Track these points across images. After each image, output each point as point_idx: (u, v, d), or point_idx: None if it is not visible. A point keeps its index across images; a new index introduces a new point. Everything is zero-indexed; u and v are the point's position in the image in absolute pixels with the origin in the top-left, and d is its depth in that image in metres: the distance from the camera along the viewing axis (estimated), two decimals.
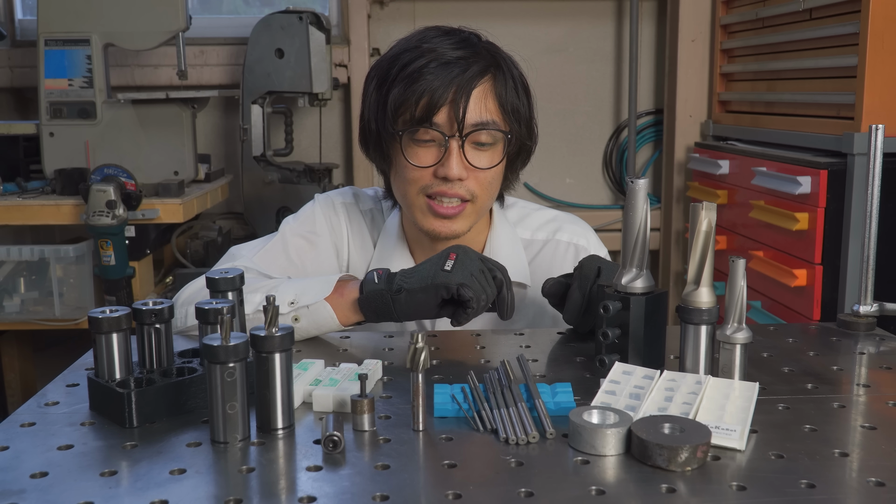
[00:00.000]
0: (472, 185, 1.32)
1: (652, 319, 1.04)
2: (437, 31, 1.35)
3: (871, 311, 1.27)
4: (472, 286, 1.14)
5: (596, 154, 3.42)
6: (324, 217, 1.48)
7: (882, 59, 2.11)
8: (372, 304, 1.19)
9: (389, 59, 1.34)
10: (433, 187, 1.32)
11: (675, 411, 0.89)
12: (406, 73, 1.29)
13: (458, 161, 1.30)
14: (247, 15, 3.42)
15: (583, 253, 1.47)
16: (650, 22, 3.36)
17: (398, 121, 1.31)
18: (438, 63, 1.28)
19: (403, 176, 1.34)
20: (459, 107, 1.28)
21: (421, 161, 1.31)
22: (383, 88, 1.32)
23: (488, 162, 1.33)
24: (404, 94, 1.29)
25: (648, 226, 1.04)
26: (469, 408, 0.93)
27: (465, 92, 1.28)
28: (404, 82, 1.29)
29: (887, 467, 0.80)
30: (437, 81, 1.27)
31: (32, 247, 2.48)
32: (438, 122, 1.29)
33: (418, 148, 1.32)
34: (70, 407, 0.97)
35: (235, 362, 0.85)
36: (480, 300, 1.15)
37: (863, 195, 1.51)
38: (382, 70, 1.34)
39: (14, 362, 3.16)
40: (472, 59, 1.30)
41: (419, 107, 1.28)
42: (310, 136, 3.27)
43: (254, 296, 1.23)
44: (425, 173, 1.32)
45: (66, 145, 2.60)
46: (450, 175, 1.30)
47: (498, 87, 1.32)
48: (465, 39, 1.33)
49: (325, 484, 0.77)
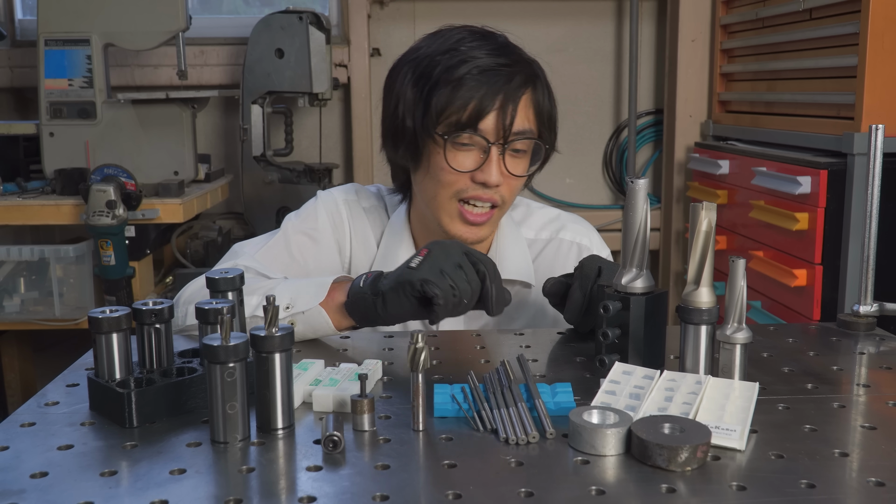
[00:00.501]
0: (504, 191, 1.34)
1: (652, 319, 1.04)
2: (469, 32, 1.35)
3: (871, 311, 1.27)
4: (439, 282, 1.08)
5: (596, 154, 3.42)
6: (326, 214, 1.48)
7: (882, 59, 2.11)
8: (358, 308, 1.17)
9: (426, 58, 1.33)
10: (468, 191, 1.33)
11: (675, 411, 0.89)
12: (451, 76, 1.29)
13: (498, 168, 1.32)
14: (247, 15, 3.42)
15: (585, 252, 1.47)
16: (650, 22, 3.36)
17: (441, 124, 1.31)
18: (482, 70, 1.29)
19: (438, 178, 1.34)
20: (507, 116, 1.29)
21: (461, 165, 1.32)
22: (423, 88, 1.32)
23: (523, 169, 1.36)
24: (451, 97, 1.29)
25: (648, 226, 1.04)
26: (469, 408, 0.93)
27: (513, 101, 1.30)
28: (450, 86, 1.29)
29: (887, 467, 0.80)
30: (484, 88, 1.29)
31: (32, 247, 2.48)
32: (483, 129, 1.30)
33: (458, 152, 1.32)
34: (70, 407, 0.97)
35: (235, 362, 0.85)
36: (449, 296, 1.08)
37: (863, 195, 1.51)
38: (419, 68, 1.33)
39: (14, 362, 3.17)
40: (514, 67, 1.32)
41: (467, 112, 1.29)
42: (310, 136, 3.27)
43: (251, 298, 1.22)
44: (462, 177, 1.33)
45: (66, 145, 2.60)
46: (489, 181, 1.31)
47: (537, 97, 1.35)
48: (503, 46, 1.35)
49: (325, 484, 0.77)
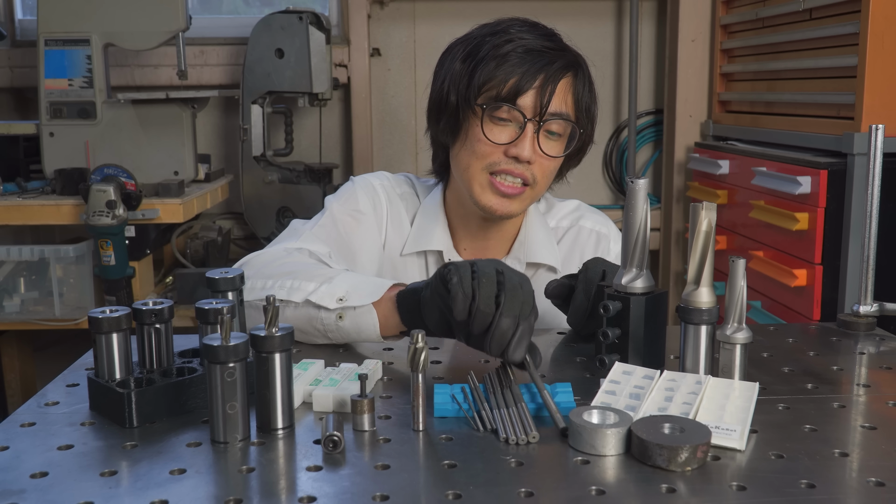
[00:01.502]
0: (536, 170, 1.38)
1: (652, 319, 1.04)
2: (522, 20, 1.42)
3: (871, 311, 1.27)
4: (461, 269, 1.01)
5: (596, 154, 3.42)
6: (366, 196, 1.51)
7: (882, 59, 2.11)
8: (406, 300, 1.13)
9: (476, 37, 1.40)
10: (500, 165, 1.37)
11: (675, 411, 0.89)
12: (497, 53, 1.35)
13: (531, 144, 1.36)
14: (247, 15, 3.42)
15: (604, 241, 1.55)
16: (650, 22, 3.36)
17: (482, 95, 1.36)
18: (527, 49, 1.35)
19: (473, 149, 1.38)
20: (545, 94, 1.34)
21: (496, 138, 1.36)
22: (469, 63, 1.37)
23: (556, 151, 1.40)
24: (494, 71, 1.34)
25: (648, 226, 1.04)
26: (469, 408, 0.93)
27: (553, 81, 1.35)
28: (495, 61, 1.35)
29: (887, 467, 0.80)
30: (526, 66, 1.34)
31: (32, 247, 2.48)
32: (522, 105, 1.35)
33: (495, 125, 1.37)
34: (70, 407, 0.97)
35: (235, 362, 0.85)
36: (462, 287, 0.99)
37: (863, 195, 1.51)
38: (469, 47, 1.39)
39: (14, 362, 3.17)
40: (558, 52, 1.38)
41: (507, 86, 1.34)
42: (310, 136, 3.27)
43: (308, 284, 1.21)
44: (497, 150, 1.37)
45: (66, 145, 2.60)
46: (521, 156, 1.35)
47: (577, 85, 1.40)
48: (551, 34, 1.41)
49: (325, 484, 0.77)
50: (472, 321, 1.00)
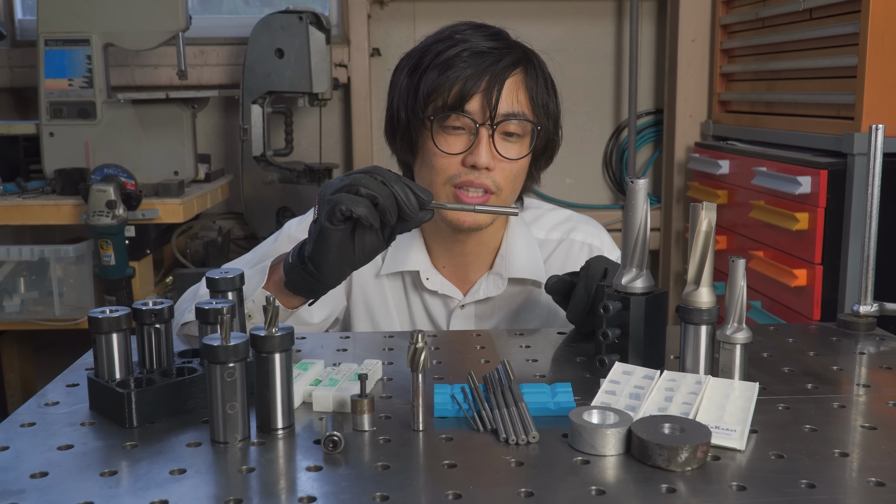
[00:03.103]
0: (498, 176, 1.33)
1: (652, 319, 1.04)
2: (468, 24, 1.37)
3: (871, 311, 1.27)
4: (341, 199, 1.02)
5: (596, 154, 3.42)
6: None
7: (882, 59, 2.11)
8: (297, 283, 1.13)
9: (421, 49, 1.36)
10: (460, 177, 1.32)
11: (675, 411, 0.89)
12: (439, 60, 1.31)
13: (488, 149, 1.30)
14: (247, 15, 3.42)
15: (596, 252, 1.47)
16: (650, 22, 3.36)
17: (429, 107, 1.32)
18: (471, 52, 1.30)
19: (431, 164, 1.34)
20: (492, 95, 1.29)
21: (450, 148, 1.32)
22: (415, 76, 1.34)
23: (516, 153, 1.34)
24: (437, 80, 1.30)
25: (648, 226, 1.04)
26: (469, 408, 0.93)
27: (499, 81, 1.30)
28: (438, 69, 1.30)
29: (887, 467, 0.80)
30: (470, 69, 1.29)
31: (32, 247, 2.48)
32: (470, 110, 1.30)
33: (448, 135, 1.32)
34: (70, 407, 0.97)
35: (235, 362, 0.85)
36: (359, 201, 1.02)
37: (863, 195, 1.51)
38: (414, 59, 1.36)
39: (14, 362, 3.17)
40: (504, 50, 1.32)
41: (452, 94, 1.30)
42: (310, 136, 3.27)
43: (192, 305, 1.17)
44: (453, 161, 1.32)
45: (66, 145, 2.60)
46: (478, 163, 1.30)
47: (529, 81, 1.34)
48: (497, 33, 1.36)
49: (325, 484, 0.77)
50: (386, 215, 1.03)
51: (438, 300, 1.46)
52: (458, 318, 1.46)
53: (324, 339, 1.27)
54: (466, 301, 1.45)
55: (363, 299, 1.47)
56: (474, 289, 1.45)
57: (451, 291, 1.45)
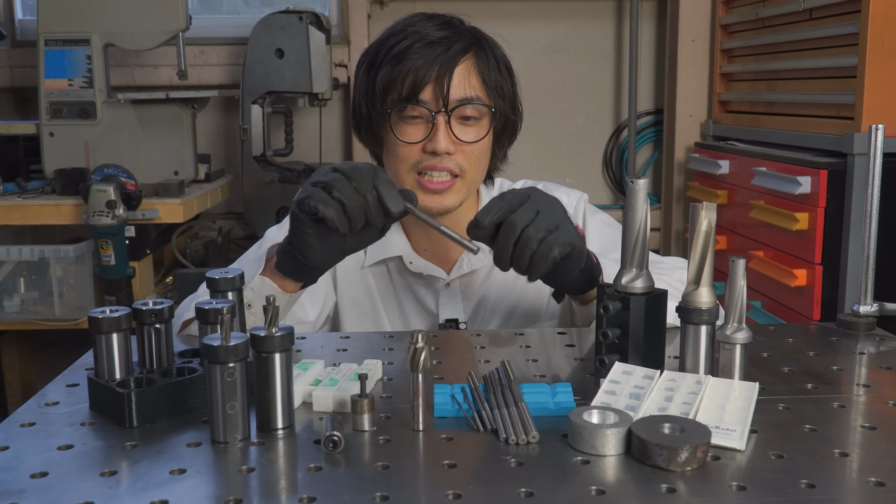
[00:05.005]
0: (461, 159, 1.37)
1: (652, 319, 1.04)
2: (421, 15, 1.41)
3: (871, 311, 1.27)
4: (312, 194, 1.08)
5: (596, 154, 3.42)
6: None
7: (882, 59, 2.11)
8: (284, 263, 1.20)
9: (377, 44, 1.40)
10: (423, 163, 1.36)
11: (675, 411, 0.89)
12: (392, 54, 1.35)
13: (445, 135, 1.34)
14: (247, 15, 3.42)
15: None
16: (650, 22, 3.36)
17: (386, 100, 1.36)
18: (423, 43, 1.34)
19: (394, 154, 1.38)
20: (444, 83, 1.33)
21: (410, 137, 1.36)
22: (372, 71, 1.38)
23: (475, 136, 1.37)
24: (391, 74, 1.34)
25: (648, 226, 1.04)
26: (469, 408, 0.93)
27: (449, 69, 1.33)
28: (391, 63, 1.35)
29: (887, 467, 0.80)
30: (421, 60, 1.33)
31: (32, 247, 2.48)
32: (424, 99, 1.34)
33: (407, 126, 1.36)
34: (70, 407, 0.97)
35: (235, 362, 0.85)
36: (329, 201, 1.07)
37: (863, 195, 1.51)
38: (370, 55, 1.40)
39: (14, 362, 3.16)
40: (454, 38, 1.36)
41: (405, 85, 1.34)
42: (310, 136, 3.27)
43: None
44: (414, 149, 1.36)
45: (66, 145, 2.60)
46: (437, 149, 1.34)
47: (480, 65, 1.37)
48: (447, 21, 1.39)
49: (325, 484, 0.77)
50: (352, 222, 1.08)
51: (424, 282, 1.50)
52: (445, 297, 1.48)
53: (324, 339, 1.27)
54: (451, 278, 1.48)
55: (349, 293, 1.50)
56: (457, 265, 1.48)
57: (435, 272, 1.48)
